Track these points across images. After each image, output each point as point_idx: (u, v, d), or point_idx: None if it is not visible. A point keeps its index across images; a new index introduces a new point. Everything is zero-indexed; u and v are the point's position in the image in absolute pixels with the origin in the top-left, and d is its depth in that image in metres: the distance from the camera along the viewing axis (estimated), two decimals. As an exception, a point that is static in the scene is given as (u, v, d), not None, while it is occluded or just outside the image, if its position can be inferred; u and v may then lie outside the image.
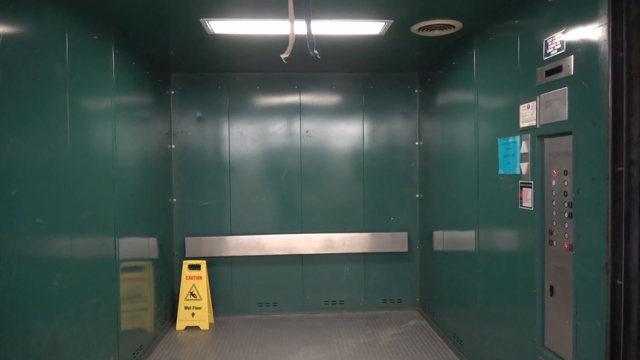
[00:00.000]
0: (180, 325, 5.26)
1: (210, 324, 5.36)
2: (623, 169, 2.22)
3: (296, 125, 5.71)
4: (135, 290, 4.24)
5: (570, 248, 2.65)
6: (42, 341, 2.64)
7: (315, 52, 2.21)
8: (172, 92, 5.60)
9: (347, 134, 5.77)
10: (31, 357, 2.53)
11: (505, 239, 3.43)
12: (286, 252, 5.62)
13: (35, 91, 2.63)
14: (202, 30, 3.93)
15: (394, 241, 5.72)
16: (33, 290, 2.57)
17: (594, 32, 2.39)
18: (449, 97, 4.75)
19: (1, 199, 2.32)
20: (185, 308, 5.27)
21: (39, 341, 2.60)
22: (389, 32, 4.04)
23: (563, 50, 2.65)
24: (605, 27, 2.30)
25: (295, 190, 5.71)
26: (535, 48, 2.94)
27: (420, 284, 5.81)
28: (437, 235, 5.12)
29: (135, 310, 4.22)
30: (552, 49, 2.75)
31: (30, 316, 2.53)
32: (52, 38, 2.83)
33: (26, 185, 2.52)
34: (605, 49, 2.30)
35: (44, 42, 2.75)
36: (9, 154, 2.38)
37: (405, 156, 5.80)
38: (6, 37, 2.37)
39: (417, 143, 5.79)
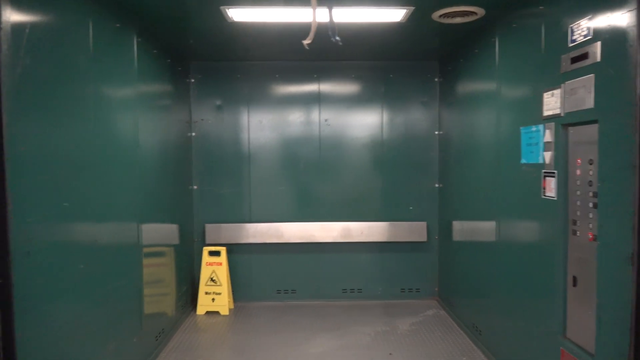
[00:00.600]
0: (200, 310, 5.36)
1: (230, 310, 5.44)
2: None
3: (315, 114, 5.71)
4: (158, 275, 4.33)
5: (594, 238, 2.61)
6: (69, 322, 2.72)
7: (337, 38, 2.20)
8: (192, 81, 5.64)
9: (365, 123, 5.74)
10: (58, 337, 2.61)
11: (527, 229, 3.39)
12: (304, 240, 5.65)
13: (60, 79, 2.68)
14: (222, 18, 3.94)
15: (412, 231, 5.70)
16: (60, 273, 2.65)
17: (622, 17, 2.32)
18: (470, 85, 4.68)
19: (30, 183, 2.38)
20: (206, 293, 5.36)
21: (66, 322, 2.68)
22: (409, 20, 3.99)
23: (590, 37, 2.59)
24: (634, 13, 2.24)
25: (314, 179, 5.72)
26: (560, 35, 2.87)
27: (438, 274, 5.79)
28: (457, 225, 5.09)
29: (157, 294, 4.31)
30: (578, 36, 2.69)
31: (57, 298, 2.61)
32: (76, 27, 2.88)
33: (53, 171, 2.58)
34: (634, 35, 2.24)
35: (69, 30, 2.79)
36: (36, 140, 2.44)
37: (424, 145, 5.76)
38: (33, 26, 2.42)
39: (436, 132, 5.74)
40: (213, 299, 5.36)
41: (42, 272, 2.47)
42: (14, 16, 2.26)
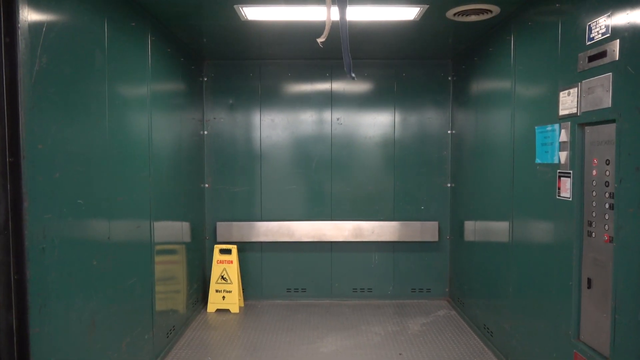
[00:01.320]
0: (211, 307, 5.38)
1: (240, 308, 5.46)
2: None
3: (327, 113, 5.70)
4: (169, 273, 4.36)
5: (611, 240, 2.57)
6: (83, 318, 2.75)
7: (353, 75, 2.26)
8: (205, 79, 5.67)
9: (378, 121, 5.72)
10: (72, 333, 2.64)
11: (541, 229, 3.35)
12: (315, 239, 5.65)
13: (76, 77, 2.71)
14: (236, 17, 3.95)
15: (424, 230, 5.67)
16: (74, 269, 2.67)
17: (642, 15, 2.28)
18: (484, 84, 4.64)
19: (46, 180, 2.41)
20: (216, 291, 5.39)
21: (79, 318, 2.71)
22: (423, 18, 3.97)
23: (608, 35, 2.55)
24: None
25: (326, 178, 5.71)
26: (578, 33, 2.83)
27: (450, 274, 5.75)
28: (469, 225, 5.05)
29: (169, 292, 4.34)
30: (596, 34, 2.65)
31: (71, 294, 2.64)
32: (92, 25, 2.90)
33: (68, 169, 2.61)
34: (654, 32, 2.20)
35: (85, 29, 2.82)
36: (52, 138, 2.46)
37: (436, 145, 5.72)
38: (50, 24, 2.44)
39: (449, 132, 5.69)
40: (224, 297, 5.38)
41: (57, 268, 2.49)
42: (31, 15, 2.29)
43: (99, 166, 2.96)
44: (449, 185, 5.72)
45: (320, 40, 2.07)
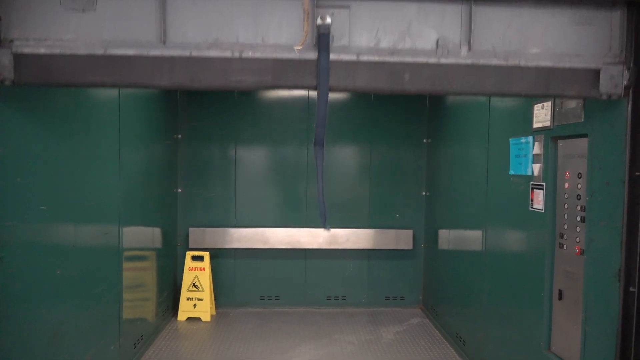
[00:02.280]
0: (181, 316, 5.25)
1: (212, 316, 5.34)
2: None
3: (303, 123, 5.65)
4: (138, 280, 4.23)
5: (582, 252, 2.60)
6: (45, 330, 2.62)
7: (328, 227, 2.31)
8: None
9: (353, 129, 5.71)
10: (34, 345, 2.51)
11: (514, 240, 3.38)
12: (290, 246, 5.59)
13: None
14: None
15: (399, 238, 5.68)
16: (37, 278, 2.55)
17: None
18: (460, 95, 4.68)
19: (7, 186, 2.29)
20: (188, 299, 5.26)
21: (41, 330, 2.58)
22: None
23: (581, 50, 2.59)
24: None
25: (301, 185, 5.67)
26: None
27: (423, 282, 5.77)
28: (443, 233, 5.08)
29: (137, 299, 4.21)
30: (570, 49, 2.69)
31: (33, 304, 2.51)
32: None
33: (31, 174, 2.49)
34: (626, 50, 2.24)
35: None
36: (14, 142, 2.35)
37: (412, 154, 5.74)
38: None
39: (425, 141, 5.73)
40: (195, 305, 5.26)
41: (18, 276, 2.37)
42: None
43: (64, 170, 2.84)
44: (424, 193, 5.74)
45: (297, 48, 2.05)
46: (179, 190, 5.56)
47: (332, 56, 2.11)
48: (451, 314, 4.73)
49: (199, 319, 5.25)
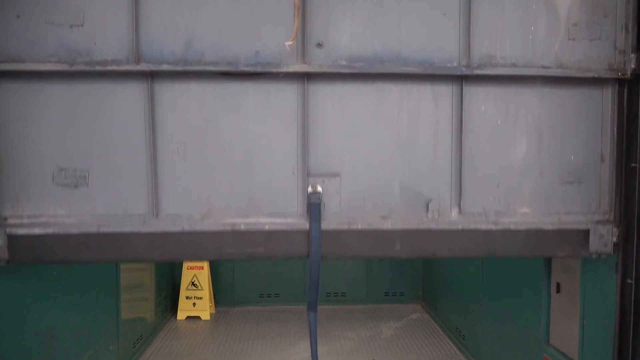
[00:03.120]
0: (181, 315, 5.25)
1: (211, 314, 5.34)
2: (637, 165, 2.15)
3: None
4: (136, 280, 4.22)
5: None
6: (40, 331, 2.61)
7: None
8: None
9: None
10: (28, 347, 2.50)
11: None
12: (288, 244, 5.57)
13: None
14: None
15: (397, 234, 5.66)
16: (34, 279, 2.53)
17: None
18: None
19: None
20: (187, 298, 5.25)
21: (36, 331, 2.57)
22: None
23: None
24: None
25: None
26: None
27: (423, 278, 5.77)
28: (441, 229, 5.06)
29: (136, 299, 4.20)
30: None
31: (27, 305, 2.50)
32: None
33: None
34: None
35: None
36: None
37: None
38: None
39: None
40: (194, 304, 5.25)
41: (15, 278, 2.35)
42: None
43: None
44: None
45: (288, 44, 2.03)
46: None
47: (324, 225, 2.14)
48: (451, 309, 4.73)
49: (198, 317, 5.25)
